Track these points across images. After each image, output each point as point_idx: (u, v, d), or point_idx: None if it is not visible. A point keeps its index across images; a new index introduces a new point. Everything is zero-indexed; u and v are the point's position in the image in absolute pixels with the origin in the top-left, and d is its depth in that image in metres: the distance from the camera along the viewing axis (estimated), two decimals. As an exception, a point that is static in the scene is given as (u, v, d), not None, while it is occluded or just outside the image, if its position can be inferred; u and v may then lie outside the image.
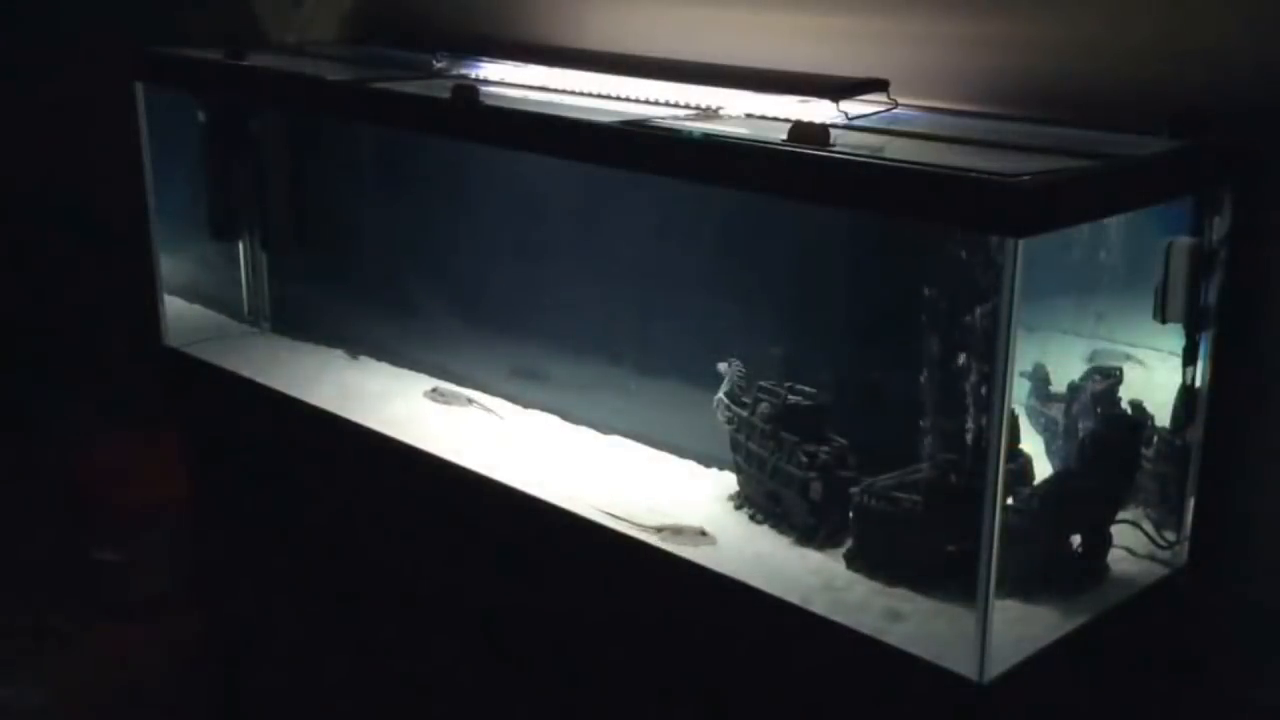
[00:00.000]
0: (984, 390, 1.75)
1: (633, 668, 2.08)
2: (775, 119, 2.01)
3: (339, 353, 2.83)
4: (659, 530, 2.04)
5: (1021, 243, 1.54)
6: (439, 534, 2.36)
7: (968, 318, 1.78)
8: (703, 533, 2.03)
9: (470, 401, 2.55)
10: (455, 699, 2.43)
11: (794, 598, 1.84)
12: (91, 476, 3.88)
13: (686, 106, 2.15)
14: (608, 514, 2.07)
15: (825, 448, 1.98)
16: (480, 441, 2.37)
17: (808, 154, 1.75)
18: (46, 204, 4.37)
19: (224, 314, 3.05)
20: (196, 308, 3.08)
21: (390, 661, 2.55)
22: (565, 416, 2.45)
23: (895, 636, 1.74)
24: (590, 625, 2.13)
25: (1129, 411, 1.96)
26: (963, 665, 1.66)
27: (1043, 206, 1.59)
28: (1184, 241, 1.87)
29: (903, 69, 2.08)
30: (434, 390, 2.59)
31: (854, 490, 1.91)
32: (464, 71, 2.53)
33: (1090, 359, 2.01)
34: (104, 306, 4.16)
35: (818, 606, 1.81)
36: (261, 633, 2.90)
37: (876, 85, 2.03)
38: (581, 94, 2.30)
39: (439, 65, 2.56)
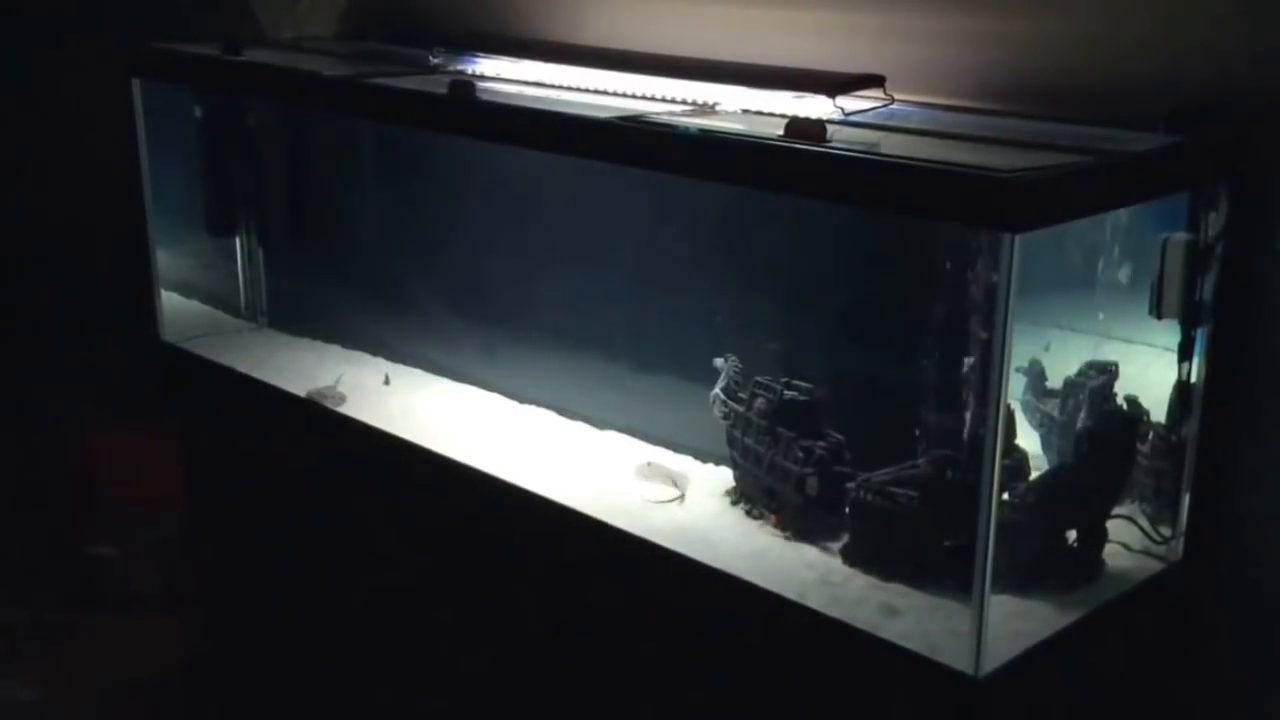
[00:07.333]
0: (980, 385, 1.76)
1: (629, 663, 2.08)
2: (772, 115, 2.02)
3: (336, 348, 2.83)
4: (649, 464, 2.15)
5: (1017, 238, 1.54)
6: (438, 530, 2.36)
7: (964, 313, 1.78)
8: (675, 485, 2.13)
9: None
10: (454, 695, 2.44)
11: (790, 593, 1.84)
12: (89, 472, 3.88)
13: (683, 102, 2.15)
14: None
15: (821, 443, 1.99)
16: (479, 436, 2.37)
17: (804, 150, 1.75)
18: (42, 199, 4.36)
19: (221, 310, 3.06)
20: (193, 303, 3.09)
21: (388, 658, 2.55)
22: (562, 412, 2.45)
23: (891, 631, 1.75)
24: (586, 621, 2.14)
25: (1125, 407, 1.96)
26: (958, 660, 1.66)
27: (1038, 202, 1.59)
28: (1179, 237, 1.87)
29: (899, 65, 2.08)
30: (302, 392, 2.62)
31: (850, 485, 1.92)
32: (460, 67, 2.53)
33: (1086, 355, 2.01)
34: (101, 302, 4.16)
35: (814, 602, 1.82)
36: (258, 628, 2.90)
37: (873, 81, 2.03)
38: (578, 90, 2.30)
39: (435, 61, 2.56)
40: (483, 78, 2.43)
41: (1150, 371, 1.98)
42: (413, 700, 2.53)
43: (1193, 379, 1.94)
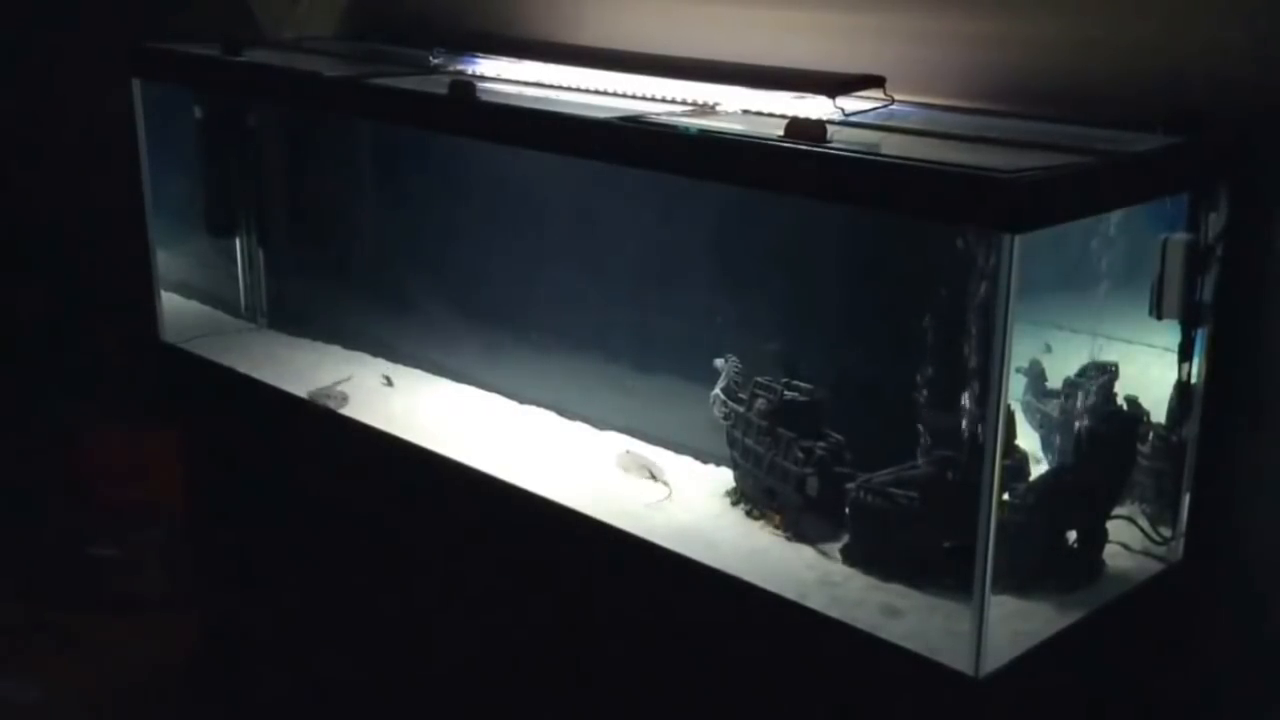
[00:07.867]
0: (980, 386, 1.76)
1: (629, 663, 2.08)
2: (772, 115, 2.02)
3: (336, 348, 2.83)
4: (628, 453, 2.18)
5: (1017, 238, 1.54)
6: (438, 530, 2.36)
7: (964, 314, 1.78)
8: (653, 477, 2.16)
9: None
10: (455, 695, 2.44)
11: (790, 593, 1.84)
12: (89, 472, 3.87)
13: (683, 102, 2.15)
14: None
15: (821, 443, 1.99)
16: (480, 437, 2.37)
17: (804, 150, 1.75)
18: (43, 199, 4.36)
19: (221, 310, 3.06)
20: (193, 304, 3.08)
21: (387, 657, 2.55)
22: (562, 412, 2.45)
23: (892, 632, 1.75)
24: (587, 621, 2.14)
25: (1124, 407, 1.96)
26: (959, 661, 1.66)
27: (1038, 202, 1.59)
28: (1179, 238, 1.88)
29: (899, 65, 2.08)
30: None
31: (850, 486, 1.92)
32: (461, 67, 2.53)
33: (1086, 355, 2.01)
34: (101, 302, 4.16)
35: (814, 602, 1.82)
36: (258, 628, 2.90)
37: (873, 81, 2.03)
38: (578, 90, 2.30)
39: (436, 61, 2.56)
40: (483, 78, 2.43)
41: (1150, 372, 1.98)
42: (413, 700, 2.53)
43: (1193, 379, 1.94)
